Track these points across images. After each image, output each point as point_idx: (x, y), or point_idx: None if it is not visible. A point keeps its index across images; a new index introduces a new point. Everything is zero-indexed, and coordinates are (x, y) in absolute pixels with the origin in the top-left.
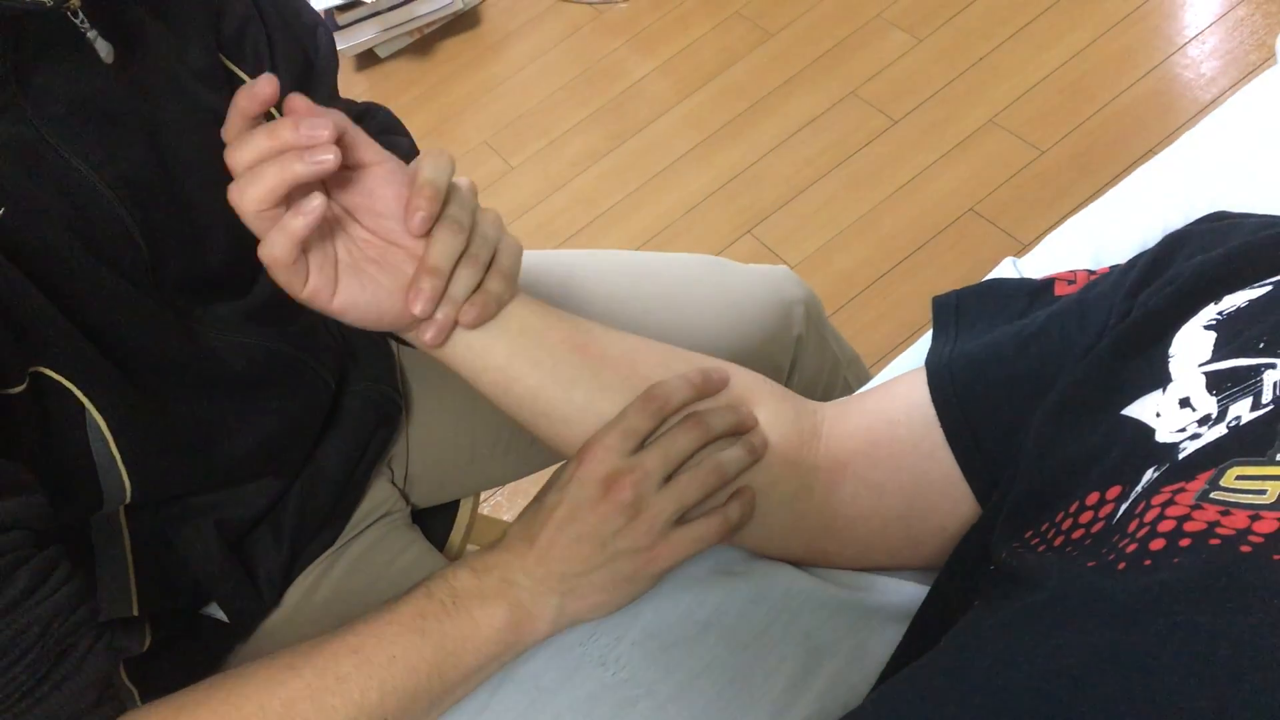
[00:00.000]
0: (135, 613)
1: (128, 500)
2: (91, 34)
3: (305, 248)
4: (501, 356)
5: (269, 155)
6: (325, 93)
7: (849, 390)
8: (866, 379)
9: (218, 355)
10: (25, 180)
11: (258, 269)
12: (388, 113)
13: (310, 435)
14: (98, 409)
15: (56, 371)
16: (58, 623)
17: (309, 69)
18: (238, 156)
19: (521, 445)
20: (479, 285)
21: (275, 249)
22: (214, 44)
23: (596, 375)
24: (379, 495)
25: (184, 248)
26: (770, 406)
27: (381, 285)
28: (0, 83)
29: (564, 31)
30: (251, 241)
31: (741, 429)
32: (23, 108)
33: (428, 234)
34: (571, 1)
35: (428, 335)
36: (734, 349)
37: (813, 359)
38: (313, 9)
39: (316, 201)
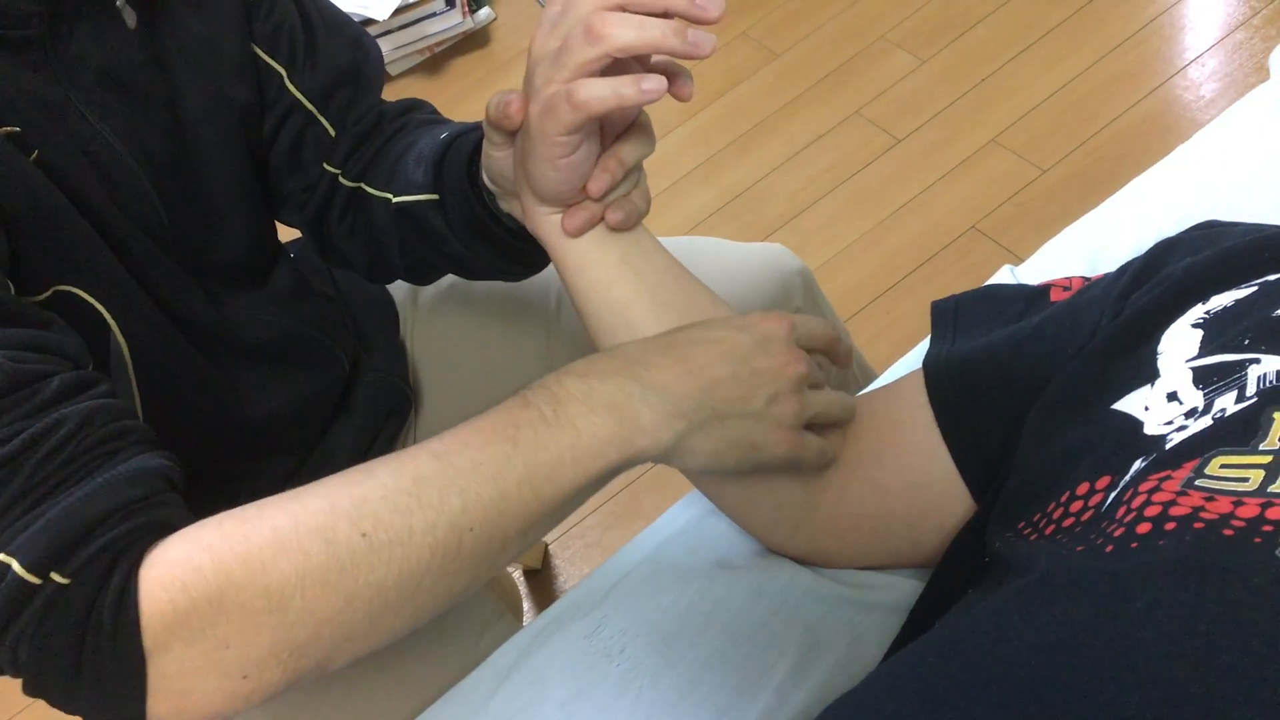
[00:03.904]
0: None
1: None
2: (120, 2)
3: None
4: (614, 259)
5: (660, 8)
6: (374, 98)
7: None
8: (861, 356)
9: (239, 325)
10: (57, 135)
11: (274, 261)
12: (432, 107)
13: (322, 415)
14: (123, 332)
15: (86, 291)
16: (99, 420)
17: (357, 74)
18: None
19: None
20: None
21: (599, 102)
22: (247, 36)
23: (687, 307)
24: None
25: (199, 228)
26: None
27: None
28: (37, 45)
29: None
30: (266, 234)
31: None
32: (55, 70)
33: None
34: None
35: (576, 220)
36: None
37: None
38: (355, 23)
39: (660, 86)
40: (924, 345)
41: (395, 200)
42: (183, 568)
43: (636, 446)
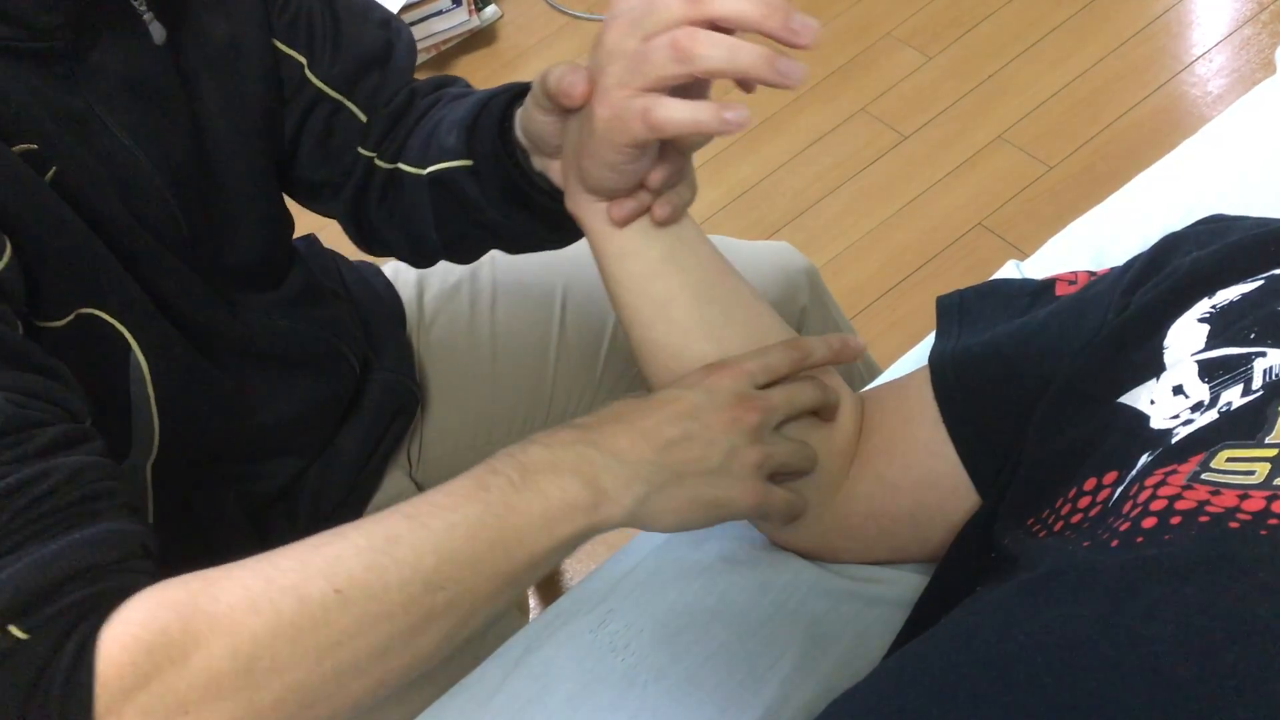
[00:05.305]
0: None
1: (154, 453)
2: (147, 16)
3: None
4: (657, 251)
5: (752, 26)
6: (405, 77)
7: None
8: (866, 353)
9: (255, 331)
10: (76, 147)
11: (288, 265)
12: (465, 82)
13: (333, 417)
14: (142, 350)
15: (107, 313)
16: (86, 478)
17: (387, 55)
18: (723, 6)
19: (534, 431)
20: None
21: (676, 126)
22: (267, 31)
23: (729, 305)
24: (395, 488)
25: (217, 234)
26: (845, 392)
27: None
28: (59, 57)
29: (578, 49)
30: (280, 239)
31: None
32: (77, 82)
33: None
34: (586, 19)
35: (624, 210)
36: None
37: (817, 328)
38: (383, 6)
39: (742, 119)
40: (930, 341)
41: (428, 170)
42: (146, 628)
43: (603, 512)
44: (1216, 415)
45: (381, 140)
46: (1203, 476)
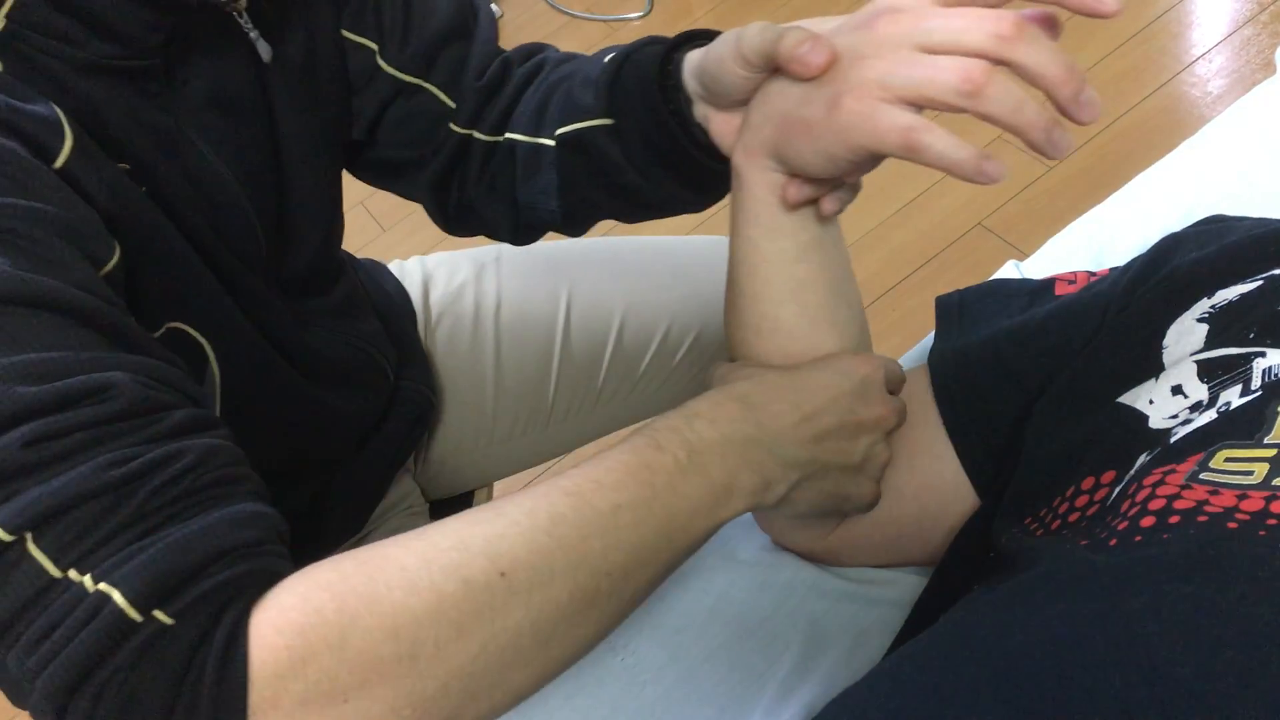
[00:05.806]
0: None
1: None
2: (254, 34)
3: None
4: (808, 236)
5: (1045, 85)
6: (491, 46)
7: None
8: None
9: (318, 343)
10: (166, 167)
11: (339, 271)
12: (555, 48)
13: (364, 430)
14: (219, 364)
15: (192, 327)
16: (218, 460)
17: (465, 26)
18: (1029, 56)
19: (534, 435)
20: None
21: (931, 156)
22: (337, 26)
23: (854, 304)
24: (400, 489)
25: (284, 241)
26: None
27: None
28: (152, 74)
29: (579, 48)
30: (335, 241)
31: None
32: (167, 98)
33: None
34: (586, 19)
35: (803, 194)
36: None
37: None
38: None
39: (999, 177)
40: (930, 341)
41: (559, 132)
42: (299, 610)
43: (761, 498)
44: (1215, 415)
45: (477, 115)
46: (1201, 476)
